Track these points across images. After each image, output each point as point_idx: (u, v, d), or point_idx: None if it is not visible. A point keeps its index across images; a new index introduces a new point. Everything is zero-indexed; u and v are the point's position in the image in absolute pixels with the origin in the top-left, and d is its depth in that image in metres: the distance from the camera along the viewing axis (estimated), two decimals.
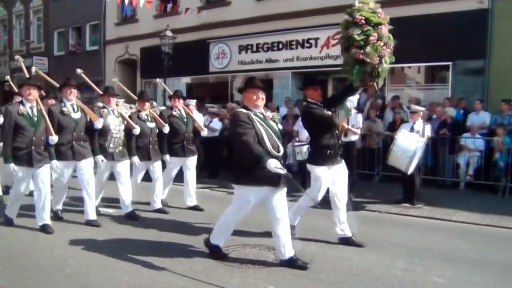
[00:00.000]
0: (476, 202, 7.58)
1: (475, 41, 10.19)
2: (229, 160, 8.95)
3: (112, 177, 6.48)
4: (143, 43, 16.31)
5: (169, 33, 12.85)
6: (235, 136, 4.17)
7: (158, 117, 6.82)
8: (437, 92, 11.18)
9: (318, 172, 5.02)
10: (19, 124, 5.25)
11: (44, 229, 5.46)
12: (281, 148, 4.25)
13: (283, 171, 3.99)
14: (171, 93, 7.40)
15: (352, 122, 7.88)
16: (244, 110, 4.26)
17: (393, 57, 4.86)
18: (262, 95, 4.31)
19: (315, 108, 5.00)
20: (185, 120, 6.98)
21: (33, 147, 5.26)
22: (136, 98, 7.02)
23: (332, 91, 12.58)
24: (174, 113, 6.94)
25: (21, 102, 5.42)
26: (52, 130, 5.39)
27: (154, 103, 8.91)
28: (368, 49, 4.59)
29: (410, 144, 6.84)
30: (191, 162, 7.03)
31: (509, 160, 8.28)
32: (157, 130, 6.78)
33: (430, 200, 7.54)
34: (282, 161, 4.15)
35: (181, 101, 7.14)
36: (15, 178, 5.48)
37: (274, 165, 3.91)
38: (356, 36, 4.62)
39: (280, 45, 12.98)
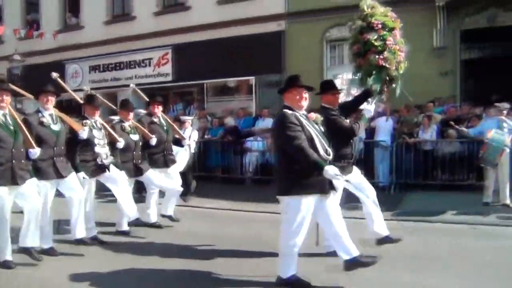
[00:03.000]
0: (244, 193, 9.26)
1: (274, 58, 12.20)
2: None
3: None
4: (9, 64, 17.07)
5: (17, 56, 13.89)
6: (286, 140, 3.75)
7: (142, 127, 6.23)
8: (247, 103, 12.95)
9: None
10: None
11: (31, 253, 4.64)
12: (330, 151, 3.92)
13: (342, 178, 3.75)
14: (147, 99, 6.90)
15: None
16: (289, 111, 3.86)
17: (406, 63, 4.83)
18: (306, 95, 3.93)
19: (337, 117, 4.61)
20: (165, 127, 6.54)
21: (14, 161, 4.45)
22: (117, 108, 6.44)
23: (171, 105, 14.17)
24: (154, 120, 6.46)
25: None
26: (33, 142, 4.61)
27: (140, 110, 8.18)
28: (386, 54, 4.54)
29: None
30: (173, 172, 6.65)
31: None
32: (141, 143, 6.17)
33: (205, 193, 8.98)
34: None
35: (160, 107, 6.63)
36: None
37: (333, 172, 3.61)
38: (374, 41, 4.54)
39: (122, 65, 14.51)
